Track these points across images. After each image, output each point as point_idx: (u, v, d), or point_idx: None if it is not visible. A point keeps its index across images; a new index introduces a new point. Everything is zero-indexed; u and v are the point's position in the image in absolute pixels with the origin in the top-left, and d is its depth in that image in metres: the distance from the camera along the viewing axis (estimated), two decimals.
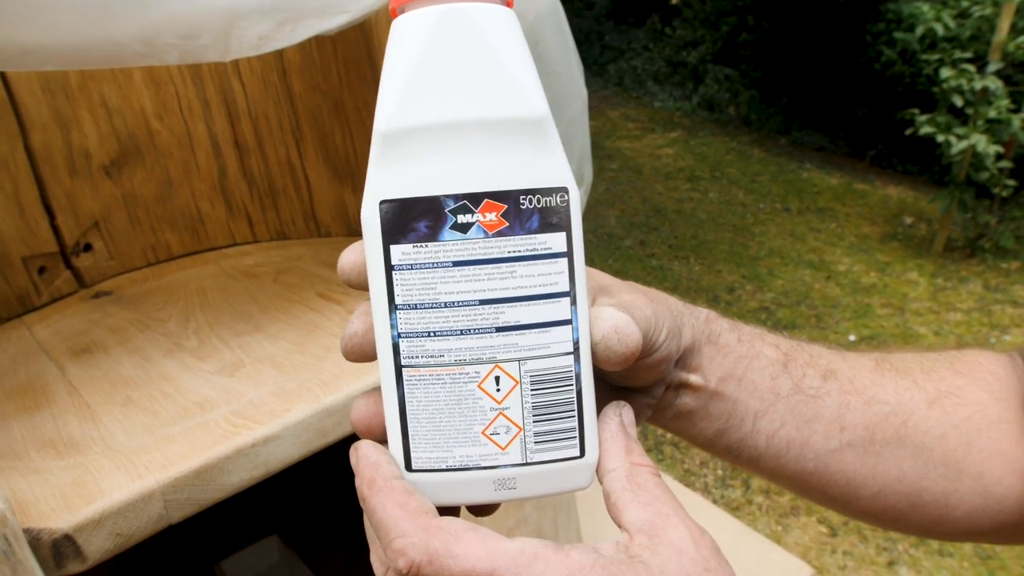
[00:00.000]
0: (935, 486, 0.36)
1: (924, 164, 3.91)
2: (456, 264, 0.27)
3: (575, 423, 0.28)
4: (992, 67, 2.84)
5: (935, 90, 3.04)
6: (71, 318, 0.73)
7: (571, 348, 0.28)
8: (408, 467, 0.28)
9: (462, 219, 0.27)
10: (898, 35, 3.79)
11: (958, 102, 2.89)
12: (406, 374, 0.28)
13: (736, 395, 0.35)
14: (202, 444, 0.49)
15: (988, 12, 3.00)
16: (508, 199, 0.27)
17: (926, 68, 3.17)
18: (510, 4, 0.28)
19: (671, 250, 3.34)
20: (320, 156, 0.86)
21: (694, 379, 0.34)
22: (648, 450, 2.17)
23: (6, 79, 0.69)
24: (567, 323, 0.28)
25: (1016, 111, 2.88)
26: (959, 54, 2.97)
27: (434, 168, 0.27)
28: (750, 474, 0.39)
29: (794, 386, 0.36)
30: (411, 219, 0.27)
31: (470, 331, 0.27)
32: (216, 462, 0.48)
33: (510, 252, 0.27)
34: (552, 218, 0.27)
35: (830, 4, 4.57)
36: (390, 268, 0.27)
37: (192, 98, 0.82)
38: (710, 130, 4.91)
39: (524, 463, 0.28)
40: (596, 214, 3.69)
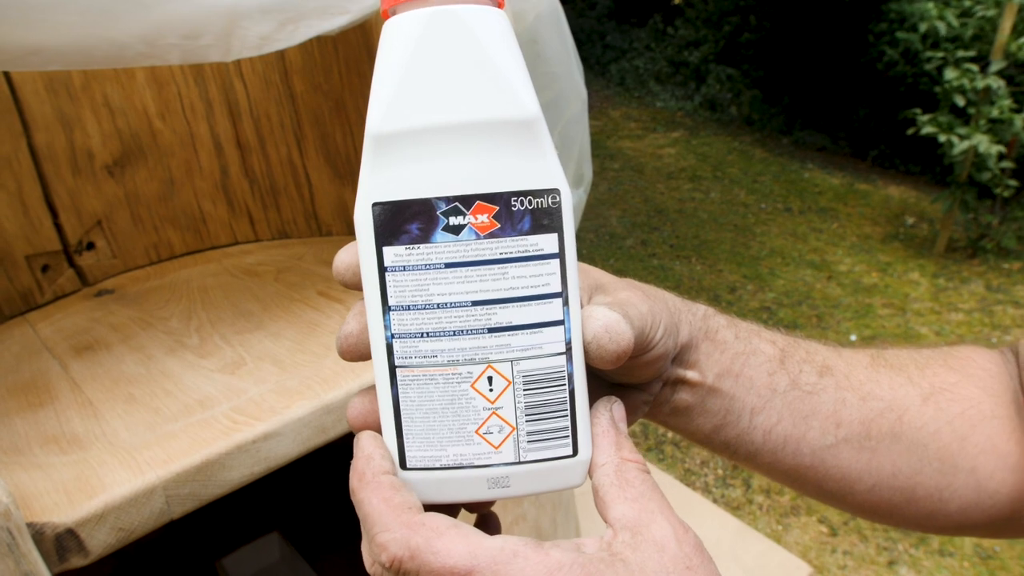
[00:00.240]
0: (929, 481, 0.36)
1: (926, 164, 3.91)
2: (448, 266, 0.27)
3: (568, 422, 0.28)
4: (994, 67, 2.84)
5: (937, 90, 3.04)
6: (74, 316, 0.74)
7: (563, 348, 0.28)
8: (403, 465, 0.28)
9: (454, 221, 0.27)
10: (900, 35, 3.78)
11: (960, 102, 2.89)
12: (400, 374, 0.28)
13: (733, 391, 0.35)
14: (203, 440, 0.50)
15: (991, 13, 3.00)
16: (499, 201, 0.27)
17: (928, 66, 3.16)
18: (501, 5, 0.28)
19: (672, 250, 3.34)
20: (321, 155, 0.86)
21: (691, 375, 0.35)
22: (648, 450, 2.17)
23: (10, 79, 0.70)
24: (559, 324, 0.28)
25: (1018, 111, 2.88)
26: (962, 53, 2.97)
27: (426, 170, 0.27)
28: (747, 470, 0.39)
29: (791, 382, 0.36)
30: (403, 221, 0.27)
31: (463, 332, 0.27)
32: (217, 458, 0.49)
33: (502, 253, 0.27)
34: (544, 219, 0.27)
35: (832, 4, 4.56)
36: (383, 270, 0.27)
37: (194, 98, 0.82)
38: (712, 130, 4.91)
39: (517, 462, 0.28)
40: (598, 214, 3.69)
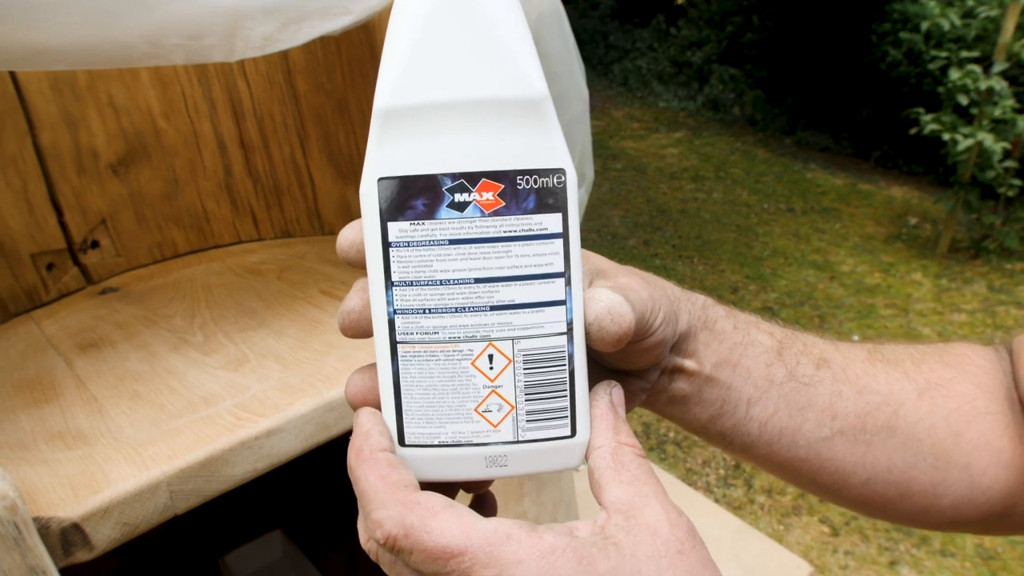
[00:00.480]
0: (923, 476, 0.36)
1: (929, 165, 3.90)
2: (452, 242, 0.27)
3: (567, 403, 0.28)
4: (997, 67, 2.84)
5: (940, 90, 3.03)
6: (79, 314, 0.74)
7: (565, 328, 0.28)
8: (401, 442, 0.28)
9: (459, 198, 0.27)
10: (904, 35, 3.78)
11: (963, 101, 2.89)
12: (401, 350, 0.28)
13: (730, 381, 0.35)
14: (207, 437, 0.50)
15: (994, 13, 2.99)
16: (505, 179, 0.27)
17: (932, 66, 3.16)
18: None
19: (675, 250, 3.34)
20: (324, 155, 0.87)
21: (689, 364, 0.35)
22: (651, 449, 2.18)
23: (16, 79, 0.71)
24: (561, 303, 0.28)
25: (1021, 111, 2.88)
26: (965, 54, 2.97)
27: (432, 146, 0.27)
28: (742, 461, 0.39)
29: (788, 374, 0.36)
30: (409, 197, 0.27)
31: (465, 309, 0.27)
32: (221, 454, 0.49)
33: (506, 232, 0.27)
34: (549, 199, 0.27)
35: (835, 4, 4.56)
36: (387, 245, 0.27)
37: (198, 98, 0.83)
38: (715, 130, 4.91)
39: (516, 441, 0.28)
40: (600, 214, 3.70)
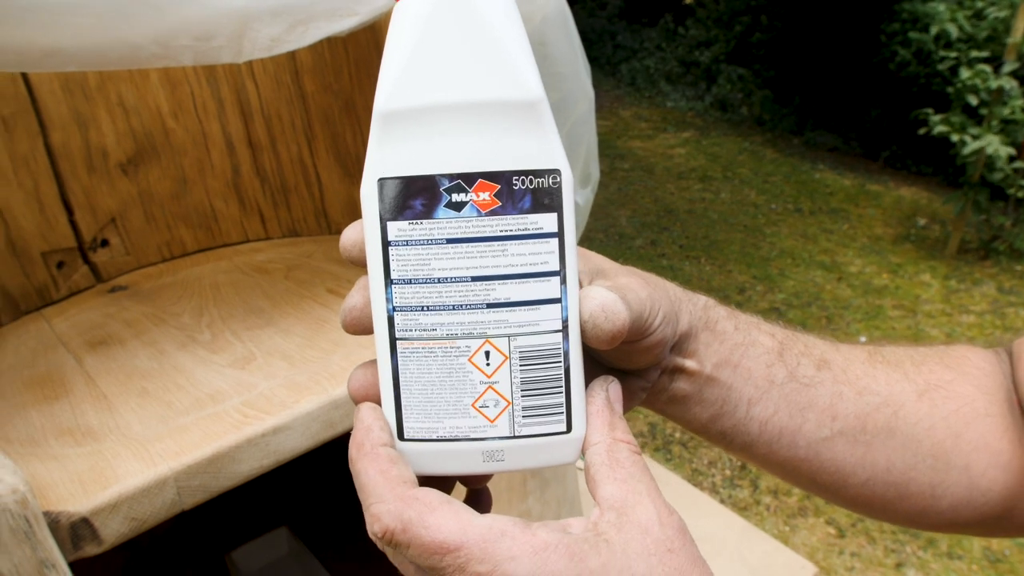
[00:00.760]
0: (922, 477, 0.36)
1: (938, 165, 3.88)
2: (450, 241, 0.27)
3: (562, 399, 0.29)
4: (1007, 67, 2.82)
5: (950, 90, 3.02)
6: (88, 312, 0.75)
7: (560, 326, 0.28)
8: (400, 436, 0.29)
9: (456, 198, 0.27)
10: (913, 35, 3.76)
11: (973, 101, 2.87)
12: (400, 346, 0.28)
13: (731, 381, 0.35)
14: (214, 434, 0.51)
15: (1004, 14, 2.98)
16: (501, 179, 0.27)
17: (941, 67, 3.15)
18: None
19: (682, 250, 3.34)
20: (331, 155, 0.87)
21: (689, 364, 0.35)
22: (656, 449, 2.18)
23: (27, 80, 0.71)
24: (556, 302, 0.28)
25: None
26: (975, 54, 2.95)
27: (430, 148, 0.27)
28: (743, 460, 0.40)
29: (788, 374, 0.36)
30: (407, 197, 0.28)
31: (462, 307, 0.28)
32: (227, 451, 0.50)
33: (502, 231, 0.27)
34: (544, 199, 0.28)
35: (844, 4, 4.54)
36: (386, 244, 0.28)
37: (207, 98, 0.83)
38: (722, 130, 4.89)
39: (512, 436, 0.29)
40: (607, 214, 3.70)
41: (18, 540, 0.39)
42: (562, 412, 0.29)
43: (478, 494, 0.33)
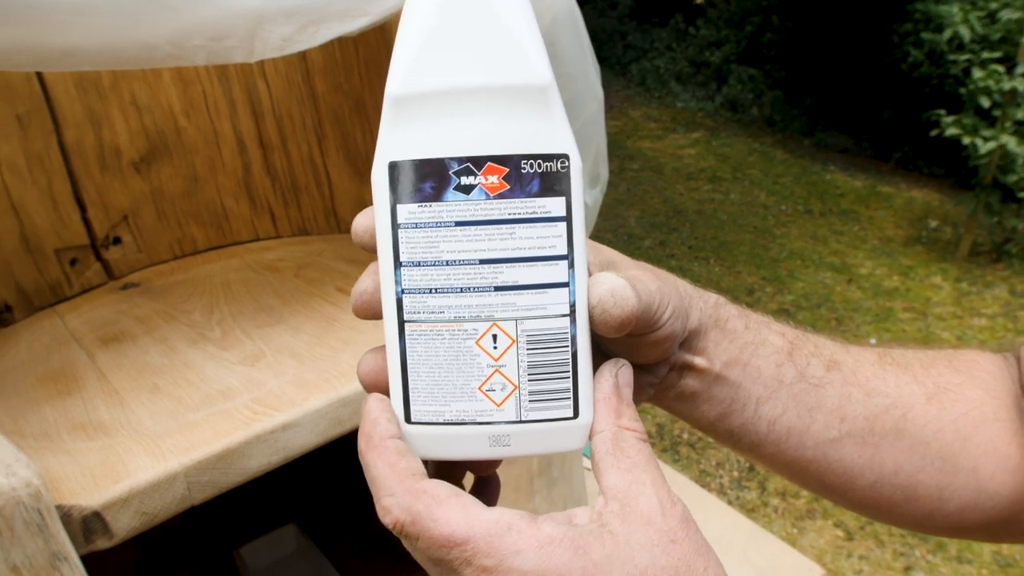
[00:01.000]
0: (930, 479, 0.36)
1: (950, 167, 3.86)
2: (458, 224, 0.28)
3: (569, 384, 0.28)
4: (1021, 69, 2.80)
5: (962, 91, 3.00)
6: (101, 308, 0.76)
7: (567, 310, 0.28)
8: (408, 419, 0.29)
9: (465, 181, 0.28)
10: (926, 36, 3.74)
11: (985, 103, 2.85)
12: (408, 329, 0.28)
13: (740, 380, 0.35)
14: (224, 430, 0.51)
15: (1017, 16, 2.95)
16: (510, 163, 0.27)
17: (954, 68, 3.12)
18: None
19: (691, 251, 3.33)
20: (341, 154, 0.88)
21: (699, 362, 0.35)
22: (664, 450, 2.17)
23: (42, 79, 0.72)
24: (564, 285, 0.28)
25: None
26: (987, 55, 2.93)
27: (440, 132, 0.28)
28: (750, 460, 0.40)
29: (798, 374, 0.36)
30: (417, 180, 0.28)
31: (470, 289, 0.28)
32: (237, 447, 0.50)
33: (510, 214, 0.28)
34: (552, 183, 0.28)
35: (856, 4, 4.51)
36: (396, 226, 0.28)
37: (219, 97, 0.84)
38: (733, 131, 4.88)
39: (518, 420, 0.28)
40: (616, 214, 3.69)
41: (31, 533, 0.39)
42: (569, 397, 0.29)
43: (486, 482, 0.33)
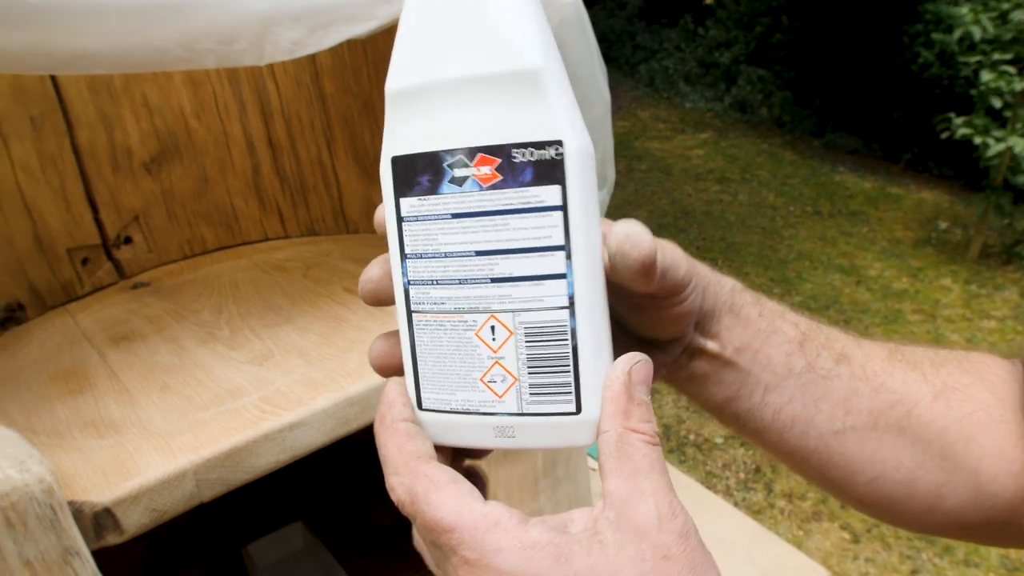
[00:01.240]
0: (930, 476, 0.37)
1: (961, 168, 3.83)
2: (455, 216, 0.28)
3: (570, 378, 0.28)
4: None
5: (973, 92, 2.98)
6: (112, 307, 0.77)
7: (566, 303, 0.27)
8: (419, 406, 0.30)
9: (459, 173, 0.28)
10: (936, 36, 3.71)
11: (996, 104, 2.83)
12: (415, 319, 0.29)
13: (749, 367, 0.36)
14: (232, 428, 0.52)
15: None
16: (502, 153, 0.27)
17: (964, 70, 3.11)
18: None
19: (699, 252, 3.33)
20: (350, 155, 0.89)
21: (711, 345, 0.36)
22: (671, 451, 2.17)
23: (56, 81, 0.73)
24: (561, 277, 0.27)
25: None
26: (998, 56, 2.91)
27: (434, 125, 0.28)
28: (754, 445, 0.40)
29: (807, 365, 0.37)
30: (416, 173, 0.28)
31: (467, 281, 0.28)
32: (245, 445, 0.51)
33: (504, 205, 0.27)
34: (546, 171, 0.27)
35: (867, 5, 4.49)
36: (400, 220, 0.29)
37: (228, 98, 0.85)
38: (741, 131, 4.86)
39: (520, 413, 0.28)
40: (624, 215, 3.66)
41: (44, 528, 0.40)
42: (570, 392, 0.28)
43: (472, 471, 0.33)
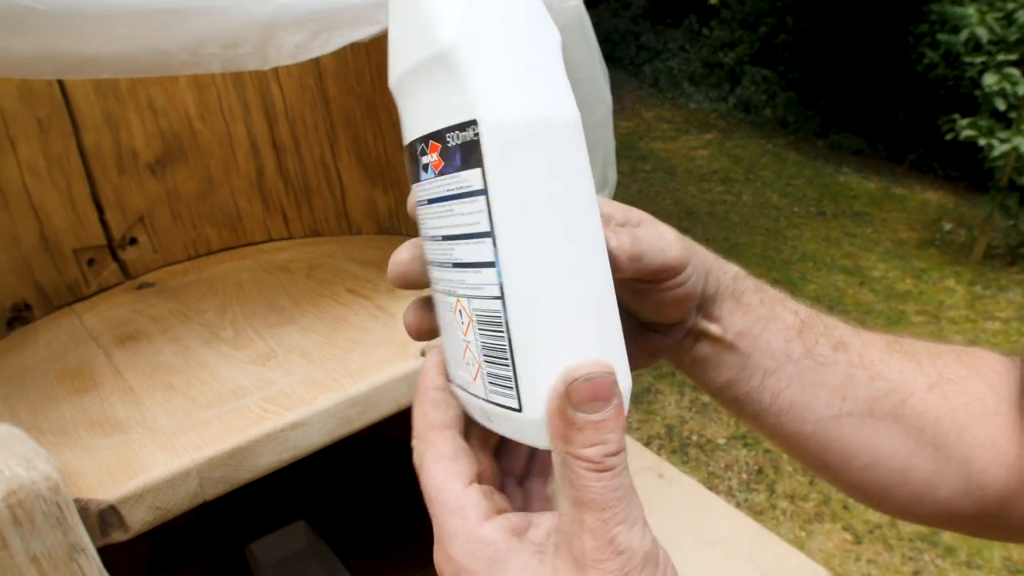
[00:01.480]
0: (923, 464, 0.37)
1: (965, 169, 3.82)
2: (430, 201, 0.28)
3: (510, 372, 0.26)
4: None
5: (978, 93, 2.97)
6: (117, 307, 0.77)
7: (498, 292, 0.26)
8: (447, 377, 0.31)
9: (424, 160, 0.28)
10: (942, 37, 3.70)
11: (1001, 106, 2.83)
12: (434, 295, 0.31)
13: (749, 351, 0.37)
14: (235, 428, 0.52)
15: None
16: (440, 139, 0.27)
17: (970, 70, 3.10)
18: None
19: None
20: (353, 157, 0.89)
21: (713, 329, 0.37)
22: (673, 452, 2.17)
23: (62, 84, 0.74)
24: (491, 265, 0.26)
25: None
26: (1003, 57, 2.90)
27: (412, 115, 0.29)
28: (754, 429, 0.41)
29: (805, 351, 0.38)
30: (411, 162, 0.30)
31: (442, 264, 0.29)
32: (248, 445, 0.51)
33: (447, 191, 0.27)
34: (469, 154, 0.25)
35: (871, 5, 4.48)
36: (416, 203, 0.30)
37: (233, 100, 0.86)
38: (745, 132, 4.86)
39: (487, 400, 0.28)
40: None
41: (50, 525, 0.41)
42: (512, 387, 0.26)
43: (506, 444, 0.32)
